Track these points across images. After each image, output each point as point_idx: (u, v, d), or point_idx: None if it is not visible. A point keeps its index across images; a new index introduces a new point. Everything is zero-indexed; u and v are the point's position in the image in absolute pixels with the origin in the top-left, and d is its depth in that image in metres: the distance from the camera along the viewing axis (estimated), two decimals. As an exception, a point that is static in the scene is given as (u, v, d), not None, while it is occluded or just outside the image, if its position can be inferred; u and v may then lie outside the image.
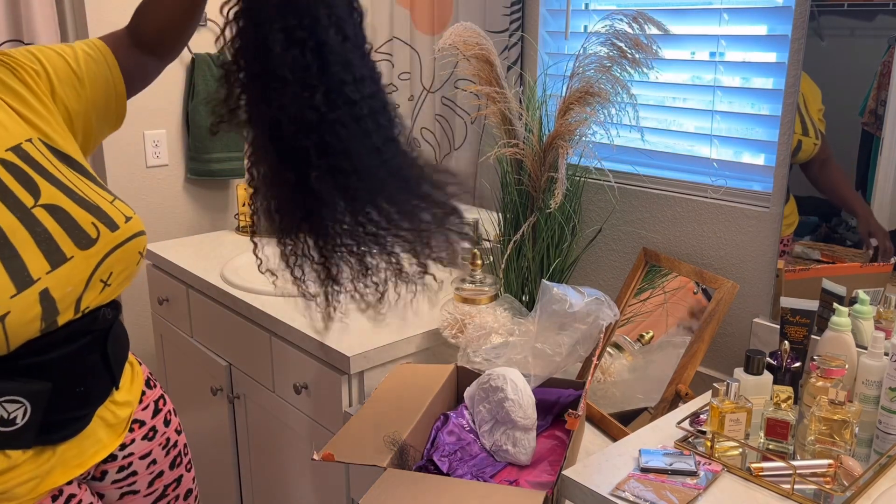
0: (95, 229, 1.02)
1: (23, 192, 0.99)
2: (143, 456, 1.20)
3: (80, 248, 1.00)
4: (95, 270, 1.02)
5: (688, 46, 1.62)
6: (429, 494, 1.09)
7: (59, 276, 0.97)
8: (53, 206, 1.00)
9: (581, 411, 1.25)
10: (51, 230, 0.98)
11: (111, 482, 1.17)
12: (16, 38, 2.14)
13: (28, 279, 0.94)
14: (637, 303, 1.57)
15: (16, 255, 0.94)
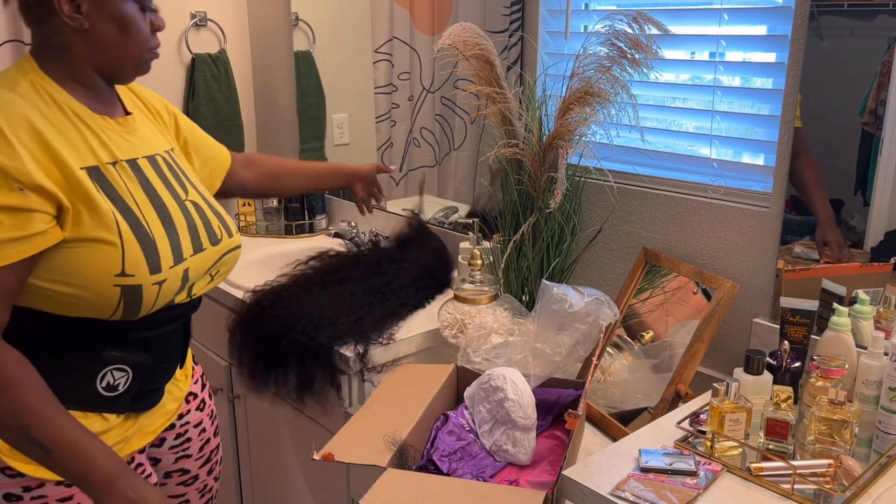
0: (221, 231, 1.23)
1: (177, 186, 1.19)
2: (197, 424, 1.37)
3: (211, 244, 1.20)
4: (214, 265, 1.21)
5: (688, 47, 1.62)
6: (429, 494, 1.09)
7: (196, 261, 1.16)
8: (197, 203, 1.21)
9: (581, 411, 1.25)
10: (196, 221, 1.18)
11: (168, 448, 1.33)
12: (16, 38, 2.14)
13: (181, 256, 1.12)
14: (637, 303, 1.57)
15: (175, 233, 1.13)
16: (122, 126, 1.14)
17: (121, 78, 1.14)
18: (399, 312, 1.72)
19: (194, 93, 2.44)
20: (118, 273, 1.03)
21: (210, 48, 2.49)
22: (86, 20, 1.05)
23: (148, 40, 1.12)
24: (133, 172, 1.11)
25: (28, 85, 1.05)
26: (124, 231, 1.04)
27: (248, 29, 2.61)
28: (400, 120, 2.21)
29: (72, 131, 1.05)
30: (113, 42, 1.08)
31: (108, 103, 1.15)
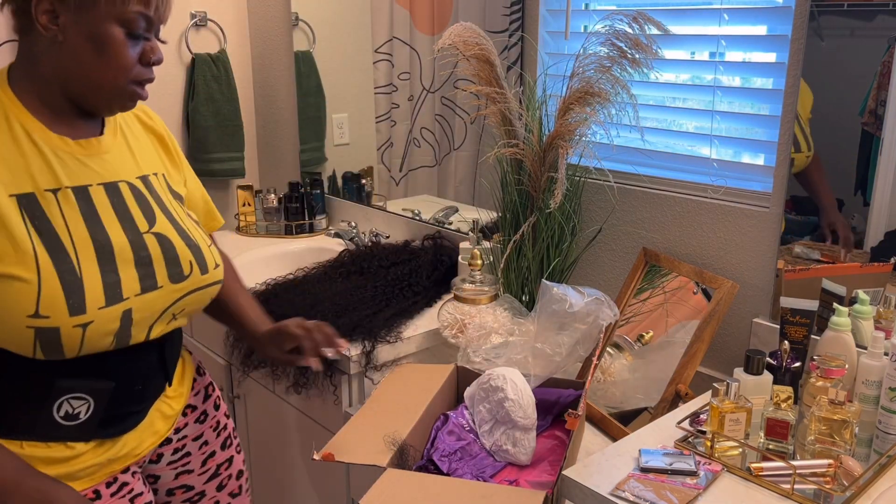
0: (190, 267, 1.11)
1: (140, 216, 1.08)
2: (196, 438, 1.29)
3: (171, 281, 1.08)
4: (173, 304, 1.10)
5: (688, 47, 1.62)
6: (429, 494, 1.09)
7: (144, 301, 1.05)
8: (163, 235, 1.09)
9: (581, 411, 1.25)
10: (153, 257, 1.06)
11: (167, 464, 1.26)
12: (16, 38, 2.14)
13: (118, 296, 1.01)
14: (637, 303, 1.57)
15: (114, 272, 1.02)
16: (83, 148, 1.04)
17: (95, 107, 1.04)
18: (410, 311, 1.72)
19: (194, 93, 2.44)
20: (31, 314, 0.94)
21: (210, 48, 2.49)
22: (61, 33, 0.95)
23: (128, 69, 1.00)
24: (77, 201, 1.01)
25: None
26: (44, 267, 0.95)
27: (248, 29, 2.61)
28: (400, 120, 2.21)
29: (12, 153, 0.97)
30: (86, 63, 0.97)
31: (74, 124, 1.04)
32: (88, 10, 0.95)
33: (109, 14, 0.96)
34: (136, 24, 0.98)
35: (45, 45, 0.98)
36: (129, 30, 0.98)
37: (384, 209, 2.28)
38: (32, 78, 1.00)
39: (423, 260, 1.91)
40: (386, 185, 2.32)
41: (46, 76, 1.00)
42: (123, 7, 0.96)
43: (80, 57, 0.97)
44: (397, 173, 2.27)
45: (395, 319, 1.67)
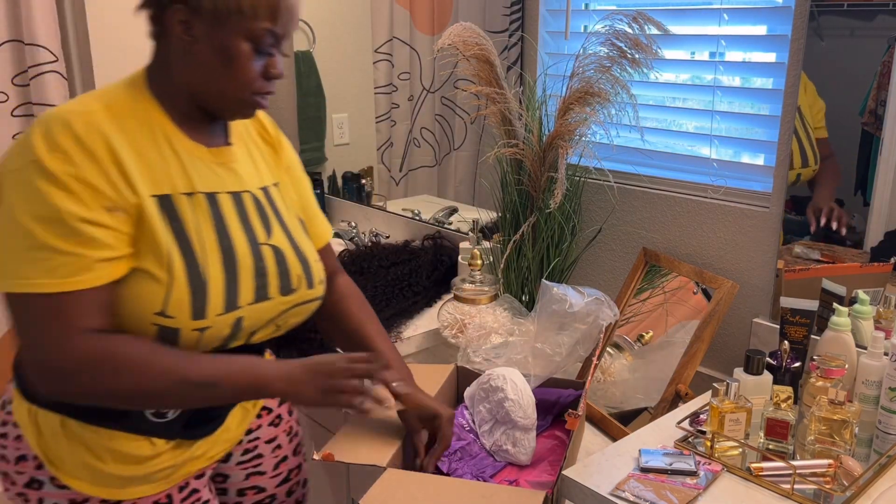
0: (298, 281, 1.13)
1: (259, 227, 1.11)
2: (269, 440, 1.29)
3: (280, 294, 1.11)
4: (278, 316, 1.12)
5: (688, 47, 1.62)
6: (429, 494, 1.09)
7: (255, 310, 1.07)
8: (277, 248, 1.12)
9: (581, 411, 1.25)
10: (269, 269, 1.09)
11: (236, 463, 1.26)
12: (16, 38, 2.14)
13: (235, 304, 1.04)
14: (637, 303, 1.57)
15: (235, 280, 1.05)
16: (215, 156, 1.08)
17: (218, 112, 1.07)
18: (409, 311, 1.73)
19: (194, 93, 2.43)
20: (157, 311, 0.98)
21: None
22: (193, 42, 0.99)
23: (252, 82, 1.03)
24: (209, 206, 1.05)
25: (129, 101, 1.02)
26: (176, 269, 0.99)
27: (248, 29, 2.61)
28: (400, 120, 2.21)
29: (154, 154, 1.01)
30: (213, 72, 1.01)
31: (207, 132, 1.09)
32: (221, 24, 0.98)
33: (240, 29, 0.99)
34: (264, 40, 1.01)
35: (178, 52, 1.01)
36: (256, 45, 1.01)
37: (384, 209, 2.28)
38: (167, 82, 1.04)
39: (423, 260, 1.91)
40: (386, 185, 2.32)
41: (178, 81, 1.03)
42: (254, 24, 0.99)
43: (209, 67, 1.01)
44: (397, 173, 2.27)
45: (395, 319, 1.67)
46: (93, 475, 1.04)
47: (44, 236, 0.92)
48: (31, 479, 1.06)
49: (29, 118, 2.21)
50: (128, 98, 1.02)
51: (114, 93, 1.02)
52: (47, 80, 2.17)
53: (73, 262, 0.93)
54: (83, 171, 0.94)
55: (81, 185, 0.94)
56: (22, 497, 1.08)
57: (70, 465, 1.04)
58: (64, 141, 0.94)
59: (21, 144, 0.96)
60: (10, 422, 1.07)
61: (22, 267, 0.92)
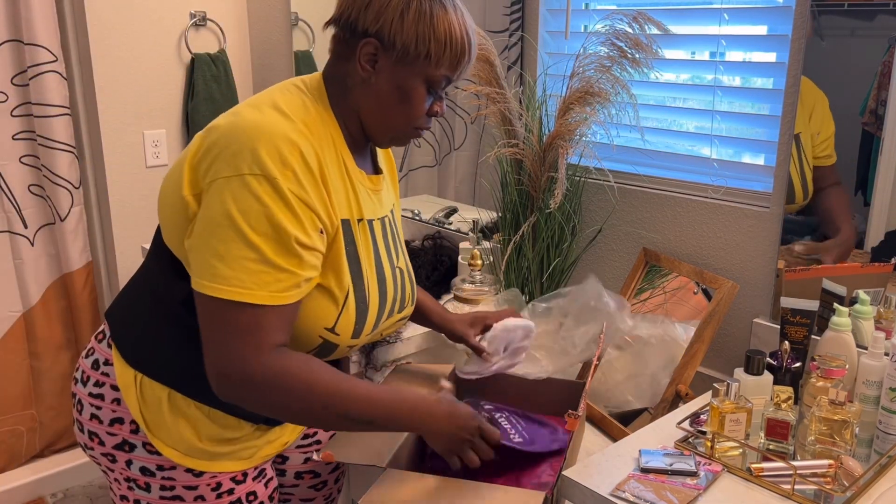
0: (409, 300, 1.22)
1: (394, 250, 1.18)
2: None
3: (397, 312, 1.18)
4: (385, 329, 1.19)
5: (688, 47, 1.62)
6: (429, 494, 1.09)
7: (385, 324, 1.16)
8: (402, 270, 1.20)
9: (581, 411, 1.25)
10: (398, 290, 1.17)
11: (295, 447, 1.32)
12: (16, 38, 2.14)
13: (378, 324, 1.13)
14: (637, 303, 1.57)
15: (385, 302, 1.13)
16: (373, 184, 1.13)
17: (378, 141, 1.12)
18: None
19: (194, 93, 2.44)
20: (328, 327, 1.04)
21: (210, 48, 2.49)
22: (375, 75, 1.03)
23: (418, 119, 1.08)
24: (370, 234, 1.11)
25: (318, 119, 1.04)
26: (350, 292, 1.05)
27: (248, 29, 2.61)
28: (400, 120, 2.21)
29: (339, 179, 1.05)
30: (388, 107, 1.06)
31: (365, 157, 1.15)
32: (406, 65, 1.02)
33: (421, 72, 1.03)
34: (439, 84, 1.06)
35: (357, 78, 1.05)
36: (431, 87, 1.06)
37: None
38: (344, 103, 1.08)
39: (423, 260, 1.91)
40: (386, 185, 2.32)
41: (352, 106, 1.07)
42: (435, 70, 1.03)
43: (384, 100, 1.05)
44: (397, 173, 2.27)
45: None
46: (187, 447, 1.09)
47: (267, 251, 0.94)
48: (123, 440, 1.10)
49: (29, 118, 2.21)
50: (317, 116, 1.05)
51: (303, 106, 1.04)
52: (47, 80, 2.17)
53: (287, 279, 0.96)
54: (308, 193, 0.97)
55: (304, 206, 0.97)
56: (108, 457, 1.12)
57: (167, 434, 1.08)
58: (293, 160, 0.96)
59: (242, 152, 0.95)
60: (107, 383, 1.10)
61: (240, 275, 0.94)
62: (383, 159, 1.25)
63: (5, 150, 2.20)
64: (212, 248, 0.95)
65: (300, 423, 1.11)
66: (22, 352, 2.33)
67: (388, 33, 1.01)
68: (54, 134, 2.21)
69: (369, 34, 1.01)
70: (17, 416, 2.35)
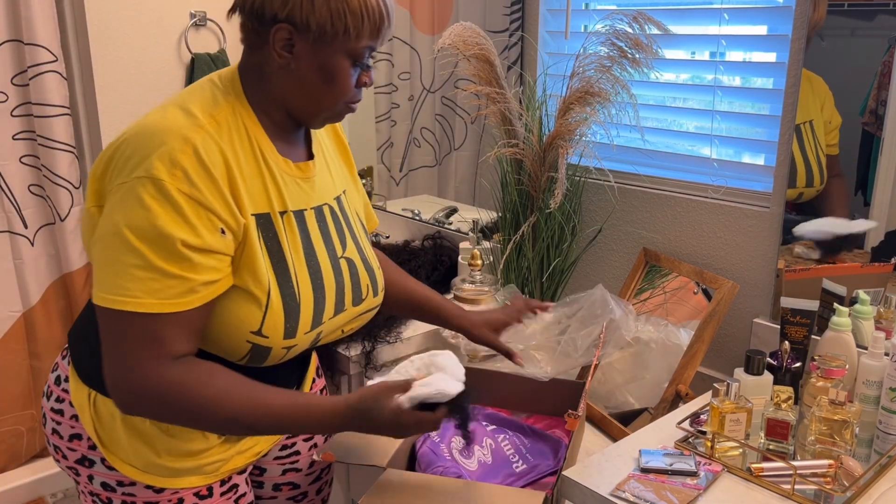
0: (367, 291, 1.15)
1: (337, 241, 1.11)
2: (307, 438, 1.30)
3: (353, 304, 1.12)
4: (348, 323, 1.14)
5: (688, 47, 1.62)
6: (429, 494, 1.09)
7: (333, 323, 1.09)
8: (351, 260, 1.13)
9: (581, 411, 1.24)
10: (346, 282, 1.10)
11: (273, 458, 1.27)
12: (16, 38, 2.14)
13: (320, 322, 1.06)
14: (637, 303, 1.57)
15: (323, 298, 1.06)
16: (301, 172, 1.07)
17: (310, 123, 1.08)
18: None
19: (194, 93, 2.43)
20: (254, 331, 0.99)
21: (209, 48, 2.49)
22: (294, 60, 0.99)
23: (348, 94, 1.04)
24: (297, 225, 1.05)
25: (229, 110, 1.00)
26: (273, 291, 0.99)
27: (248, 29, 2.60)
28: (400, 120, 2.21)
29: (254, 171, 1.00)
30: (313, 89, 1.01)
31: (293, 144, 1.09)
32: (325, 45, 0.98)
33: (342, 48, 0.99)
34: (363, 56, 1.02)
35: (275, 66, 1.01)
36: (355, 60, 1.01)
37: (384, 209, 2.28)
38: (262, 93, 1.03)
39: (423, 260, 1.91)
40: (386, 185, 2.32)
41: (274, 94, 1.03)
42: (357, 43, 0.99)
43: (308, 83, 1.00)
44: (397, 173, 2.27)
45: (394, 319, 1.66)
46: (145, 464, 1.05)
47: (152, 257, 0.90)
48: (82, 456, 1.08)
49: (29, 118, 2.20)
50: (228, 108, 1.01)
51: (213, 100, 1.01)
52: (47, 80, 2.17)
53: (178, 285, 0.91)
54: (202, 192, 0.92)
55: (197, 206, 0.92)
56: (72, 471, 1.10)
57: (124, 451, 1.05)
58: (184, 159, 0.92)
59: (134, 156, 0.93)
60: (66, 399, 1.08)
61: (126, 284, 0.90)
62: (330, 142, 1.20)
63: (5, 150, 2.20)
64: (103, 257, 0.92)
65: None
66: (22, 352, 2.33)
67: (299, 16, 0.96)
68: (54, 134, 2.21)
69: (279, 20, 0.97)
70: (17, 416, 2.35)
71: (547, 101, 1.65)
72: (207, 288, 0.94)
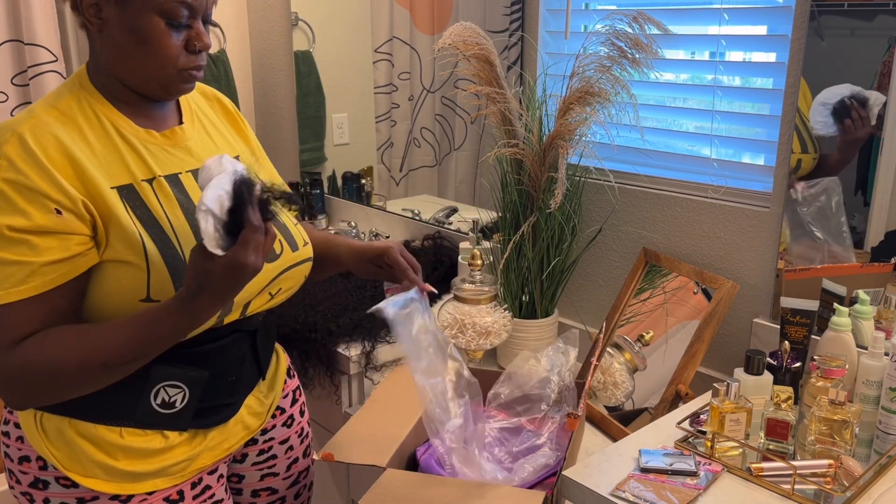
0: (280, 246, 1.12)
1: None
2: (283, 441, 1.29)
3: (266, 261, 1.05)
4: (270, 283, 1.10)
5: (688, 47, 1.62)
6: (429, 494, 1.09)
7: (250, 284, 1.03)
8: None
9: (581, 411, 1.25)
10: None
11: (251, 464, 1.27)
12: (16, 38, 2.14)
13: None
14: (637, 303, 1.57)
15: None
16: (168, 139, 1.07)
17: (148, 92, 1.04)
18: None
19: (194, 93, 2.43)
20: (143, 298, 0.98)
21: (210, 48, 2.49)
22: (105, 25, 0.97)
23: (173, 58, 0.99)
24: (171, 189, 1.03)
25: (72, 100, 1.01)
26: (151, 253, 0.98)
27: (248, 29, 2.61)
28: (400, 120, 2.21)
29: (108, 148, 1.00)
30: (130, 54, 0.98)
31: (154, 116, 1.07)
32: (128, 3, 0.96)
33: (149, 6, 0.96)
34: (178, 13, 0.98)
35: (97, 39, 1.00)
36: (170, 19, 0.98)
37: (384, 209, 2.28)
38: (98, 73, 1.03)
39: (423, 260, 1.91)
40: (386, 185, 2.32)
41: (105, 69, 1.02)
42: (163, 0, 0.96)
43: (125, 49, 0.98)
44: (397, 173, 2.27)
45: (394, 319, 1.66)
46: (105, 472, 1.04)
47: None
48: (35, 478, 1.06)
49: (29, 118, 2.21)
50: (71, 97, 1.01)
51: (58, 94, 1.02)
52: (47, 80, 2.17)
53: (18, 271, 0.92)
54: (27, 177, 0.92)
55: (24, 191, 0.92)
56: (26, 496, 1.07)
57: (81, 464, 1.04)
58: (10, 149, 0.93)
59: None
60: (11, 421, 1.07)
61: None
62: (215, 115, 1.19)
63: None
64: None
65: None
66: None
67: None
68: (54, 134, 2.21)
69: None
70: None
71: (547, 101, 1.65)
72: (54, 269, 0.93)
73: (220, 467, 1.18)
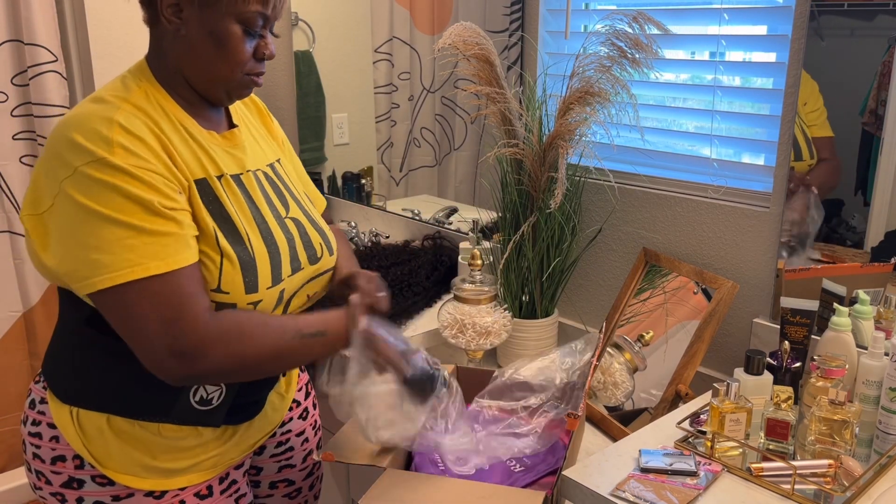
0: (321, 250, 1.17)
1: (278, 203, 1.14)
2: (299, 434, 1.33)
3: (310, 263, 1.14)
4: (307, 283, 1.15)
5: (688, 47, 1.62)
6: (429, 494, 1.09)
7: (293, 281, 1.11)
8: (297, 220, 1.15)
9: (581, 411, 1.25)
10: (295, 240, 1.12)
11: (269, 456, 1.30)
12: (16, 38, 2.14)
13: (279, 276, 1.07)
14: (637, 303, 1.57)
15: (277, 253, 1.08)
16: (228, 141, 1.10)
17: (212, 97, 1.07)
18: (409, 311, 1.73)
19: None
20: (213, 289, 0.99)
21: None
22: (184, 26, 0.99)
23: (243, 64, 1.03)
24: (238, 188, 1.07)
25: (142, 95, 1.01)
26: (224, 247, 1.00)
27: (248, 29, 2.61)
28: (400, 120, 2.21)
29: (183, 143, 1.02)
30: (205, 56, 1.01)
31: (212, 119, 1.10)
32: (210, 7, 0.98)
33: (230, 12, 0.99)
34: (254, 22, 1.01)
35: (170, 37, 1.01)
36: (246, 27, 1.01)
37: (384, 209, 2.28)
38: (165, 70, 1.04)
39: (423, 260, 1.91)
40: (386, 185, 2.32)
41: (172, 68, 1.03)
42: (244, 6, 0.99)
43: (200, 50, 1.01)
44: (397, 173, 2.27)
45: (394, 319, 1.67)
46: (143, 469, 1.06)
47: (137, 222, 0.92)
48: (69, 478, 1.06)
49: (29, 118, 2.21)
50: (141, 93, 1.02)
51: (124, 88, 1.02)
52: (47, 80, 2.17)
53: (173, 241, 0.94)
54: (146, 160, 0.94)
55: (152, 174, 0.94)
56: (57, 497, 1.08)
57: (118, 461, 1.05)
58: (116, 135, 0.93)
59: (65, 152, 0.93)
60: (43, 422, 1.08)
61: (125, 255, 0.91)
62: (255, 120, 1.22)
63: (5, 150, 2.20)
64: (83, 245, 0.92)
65: (266, 370, 1.07)
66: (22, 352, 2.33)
67: None
68: (54, 134, 2.21)
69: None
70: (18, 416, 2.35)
71: (547, 101, 1.65)
72: (196, 244, 0.97)
73: (245, 461, 1.21)
